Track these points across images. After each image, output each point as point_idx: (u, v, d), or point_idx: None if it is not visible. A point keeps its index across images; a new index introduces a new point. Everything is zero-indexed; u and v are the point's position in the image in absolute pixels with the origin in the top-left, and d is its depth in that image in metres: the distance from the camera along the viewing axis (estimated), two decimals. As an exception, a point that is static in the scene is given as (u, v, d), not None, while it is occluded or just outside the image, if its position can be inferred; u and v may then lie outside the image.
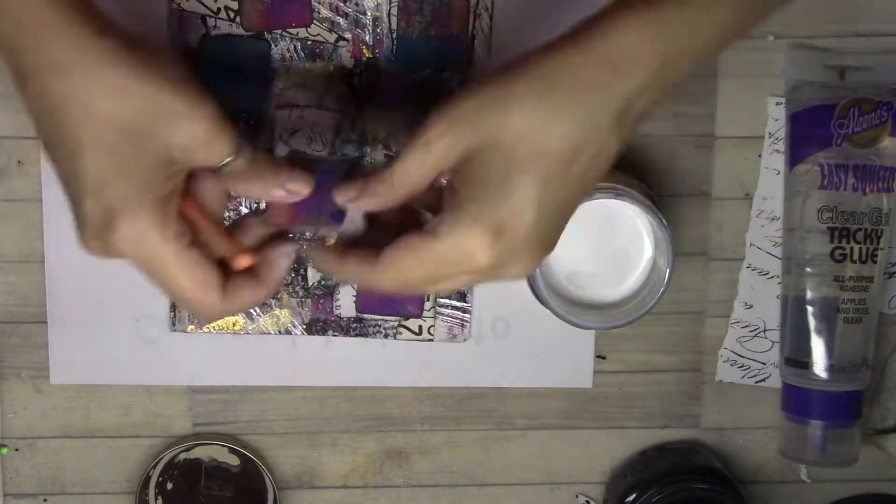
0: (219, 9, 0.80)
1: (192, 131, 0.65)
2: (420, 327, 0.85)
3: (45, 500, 0.87)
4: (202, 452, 0.86)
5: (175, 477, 0.86)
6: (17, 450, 0.86)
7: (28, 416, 0.85)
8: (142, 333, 0.84)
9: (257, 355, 0.85)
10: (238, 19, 0.81)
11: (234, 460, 0.86)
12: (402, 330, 0.85)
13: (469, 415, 0.87)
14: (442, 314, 0.84)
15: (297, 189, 0.70)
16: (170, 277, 0.67)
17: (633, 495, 0.85)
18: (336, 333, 0.85)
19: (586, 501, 0.89)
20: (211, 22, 0.81)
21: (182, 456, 0.86)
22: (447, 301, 0.84)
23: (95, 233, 0.65)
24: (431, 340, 0.85)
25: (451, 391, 0.87)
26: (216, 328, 0.84)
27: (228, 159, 0.67)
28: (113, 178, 0.64)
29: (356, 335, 0.85)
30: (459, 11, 0.81)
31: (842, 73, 0.83)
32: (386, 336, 0.85)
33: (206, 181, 0.69)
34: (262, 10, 0.80)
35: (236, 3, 0.80)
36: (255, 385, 0.86)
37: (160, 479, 0.86)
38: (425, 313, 0.84)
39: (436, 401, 0.87)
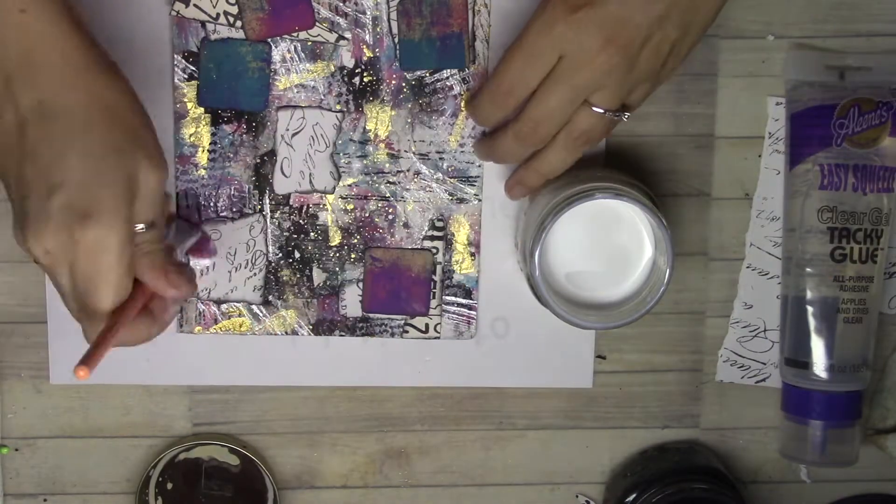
0: (218, 14, 0.81)
1: (158, 173, 0.69)
2: (426, 325, 0.85)
3: (45, 500, 0.87)
4: (202, 452, 0.86)
5: (175, 477, 0.86)
6: (17, 450, 0.86)
7: (28, 416, 0.85)
8: (142, 333, 0.84)
9: (257, 355, 0.85)
10: (238, 24, 0.81)
11: (234, 460, 0.86)
12: (408, 328, 0.85)
13: (469, 415, 0.87)
14: (448, 311, 0.84)
15: (176, 295, 0.73)
16: (101, 289, 0.68)
17: (633, 495, 0.85)
18: (343, 333, 0.85)
19: (586, 501, 0.89)
20: (210, 27, 0.81)
21: (182, 456, 0.86)
22: (453, 298, 0.84)
23: (60, 230, 0.66)
24: (438, 338, 0.85)
25: (451, 391, 0.87)
26: (222, 329, 0.84)
27: (149, 224, 0.70)
28: (96, 179, 0.67)
29: (363, 335, 0.85)
30: (458, 9, 0.81)
31: (842, 73, 0.83)
32: (392, 335, 0.85)
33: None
34: (263, 17, 0.81)
35: (235, 7, 0.80)
36: (255, 385, 0.86)
37: (160, 479, 0.86)
38: (431, 311, 0.84)
39: (436, 401, 0.87)
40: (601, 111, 0.74)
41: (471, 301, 0.85)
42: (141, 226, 0.70)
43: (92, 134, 0.67)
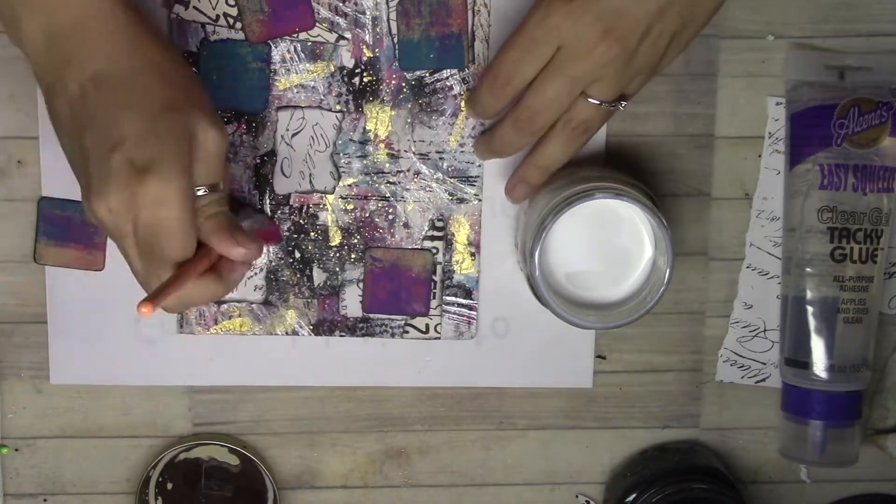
0: (217, 16, 0.81)
1: (215, 132, 0.70)
2: (427, 325, 0.85)
3: (45, 500, 0.87)
4: (202, 452, 0.86)
5: (175, 477, 0.86)
6: (17, 450, 0.86)
7: (28, 416, 0.85)
8: (142, 333, 0.84)
9: (257, 355, 0.85)
10: (237, 25, 0.81)
11: (234, 460, 0.86)
12: (408, 329, 0.85)
13: (469, 415, 0.87)
14: (448, 311, 0.84)
15: (243, 255, 0.73)
16: (165, 242, 0.69)
17: (633, 495, 0.85)
18: (343, 334, 0.85)
19: (586, 501, 0.89)
20: (210, 28, 0.81)
21: (182, 456, 0.86)
22: (453, 299, 0.84)
23: (121, 186, 0.67)
24: (438, 338, 0.85)
25: (451, 391, 0.87)
26: (223, 329, 0.84)
27: (210, 187, 0.71)
28: (154, 135, 0.68)
29: (363, 335, 0.85)
30: (458, 9, 0.81)
31: (842, 73, 0.83)
32: (393, 335, 0.85)
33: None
34: (262, 19, 0.81)
35: (235, 9, 0.80)
36: (255, 385, 0.86)
37: (160, 479, 0.86)
38: (432, 311, 0.84)
39: (436, 401, 0.87)
40: (598, 103, 0.74)
41: (471, 301, 0.85)
42: (202, 189, 0.70)
43: (147, 95, 0.69)
